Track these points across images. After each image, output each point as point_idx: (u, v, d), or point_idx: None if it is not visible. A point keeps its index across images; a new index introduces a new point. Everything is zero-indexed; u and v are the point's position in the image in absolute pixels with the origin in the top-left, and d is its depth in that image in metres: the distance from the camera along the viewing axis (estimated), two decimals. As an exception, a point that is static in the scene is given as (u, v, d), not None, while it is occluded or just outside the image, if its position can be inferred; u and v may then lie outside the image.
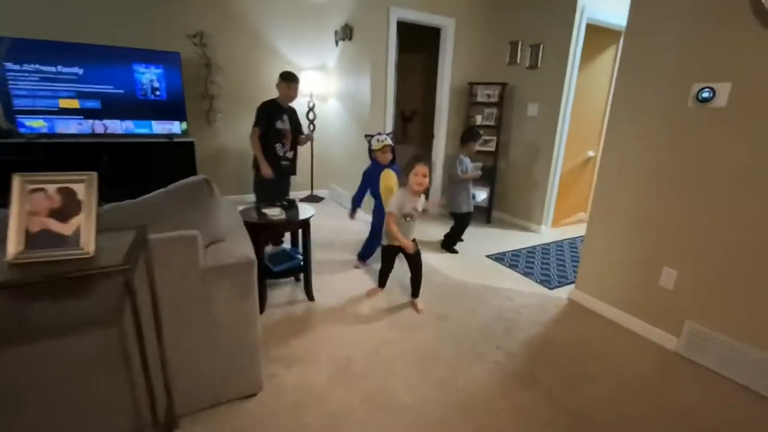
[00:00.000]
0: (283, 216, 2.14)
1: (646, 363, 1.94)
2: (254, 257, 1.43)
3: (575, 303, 2.52)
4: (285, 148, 3.03)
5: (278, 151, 2.99)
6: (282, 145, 3.00)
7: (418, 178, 2.16)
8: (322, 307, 2.31)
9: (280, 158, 3.01)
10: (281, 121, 2.96)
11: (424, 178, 2.16)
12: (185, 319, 1.35)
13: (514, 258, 3.19)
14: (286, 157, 3.06)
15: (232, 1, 4.10)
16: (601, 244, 2.38)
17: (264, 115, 2.92)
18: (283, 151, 3.03)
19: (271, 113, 2.93)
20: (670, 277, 2.04)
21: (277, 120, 2.94)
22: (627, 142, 2.20)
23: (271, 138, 2.95)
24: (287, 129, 3.02)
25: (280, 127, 2.96)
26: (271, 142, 2.96)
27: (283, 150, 3.02)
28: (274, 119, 2.93)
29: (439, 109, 4.20)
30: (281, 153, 3.01)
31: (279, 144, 2.99)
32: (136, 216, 1.28)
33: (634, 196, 2.18)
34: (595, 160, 4.24)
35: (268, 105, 2.98)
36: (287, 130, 3.02)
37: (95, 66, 3.52)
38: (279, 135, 2.97)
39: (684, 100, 1.91)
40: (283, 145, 3.01)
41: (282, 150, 3.01)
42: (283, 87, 2.96)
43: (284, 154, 3.04)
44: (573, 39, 3.40)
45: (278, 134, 2.97)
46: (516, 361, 1.91)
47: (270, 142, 2.95)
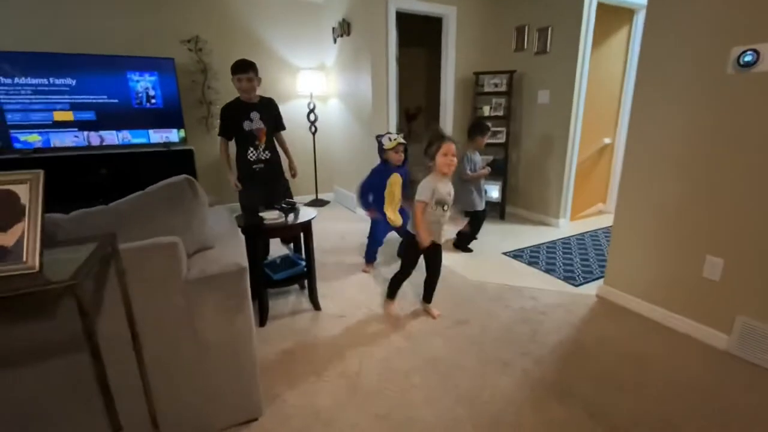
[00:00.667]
0: (281, 220, 1.98)
1: (694, 366, 1.71)
2: (245, 264, 1.26)
3: (605, 300, 2.30)
4: (258, 150, 2.56)
5: (250, 155, 2.54)
6: (255, 148, 2.54)
7: (447, 159, 1.86)
8: (329, 315, 2.14)
9: (251, 163, 2.55)
10: (249, 120, 2.49)
11: (453, 158, 1.87)
12: (169, 338, 1.18)
13: (533, 254, 2.98)
14: (259, 159, 2.57)
15: (225, 4, 3.99)
16: (631, 234, 2.17)
17: (225, 120, 2.51)
18: (256, 154, 2.55)
19: (234, 116, 2.48)
20: (715, 266, 1.82)
21: (243, 121, 2.48)
22: (655, 121, 1.98)
23: (241, 143, 2.54)
24: (260, 128, 2.52)
25: (248, 129, 2.49)
26: (242, 148, 2.54)
27: (256, 153, 2.55)
28: (239, 121, 2.48)
29: (444, 103, 4.02)
30: (253, 157, 2.55)
31: (251, 148, 2.53)
32: (107, 223, 1.13)
33: (668, 180, 1.96)
34: (612, 146, 4.01)
35: (229, 107, 2.51)
36: (260, 129, 2.52)
37: (88, 76, 3.42)
38: (249, 137, 2.52)
39: (722, 67, 1.70)
40: (255, 147, 2.54)
41: (254, 154, 2.55)
42: (233, 81, 2.47)
43: (257, 158, 2.56)
44: (584, 20, 3.20)
45: (248, 137, 2.51)
46: (546, 368, 1.70)
47: (241, 149, 2.55)
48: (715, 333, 1.84)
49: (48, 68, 3.28)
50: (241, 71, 2.43)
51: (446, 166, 1.87)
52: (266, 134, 2.58)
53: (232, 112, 2.49)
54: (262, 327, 2.00)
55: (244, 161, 2.56)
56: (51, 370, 1.05)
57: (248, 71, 2.44)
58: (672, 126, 1.92)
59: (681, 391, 1.56)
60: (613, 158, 4.06)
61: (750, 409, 1.46)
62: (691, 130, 1.84)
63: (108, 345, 1.02)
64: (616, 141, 3.96)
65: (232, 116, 2.49)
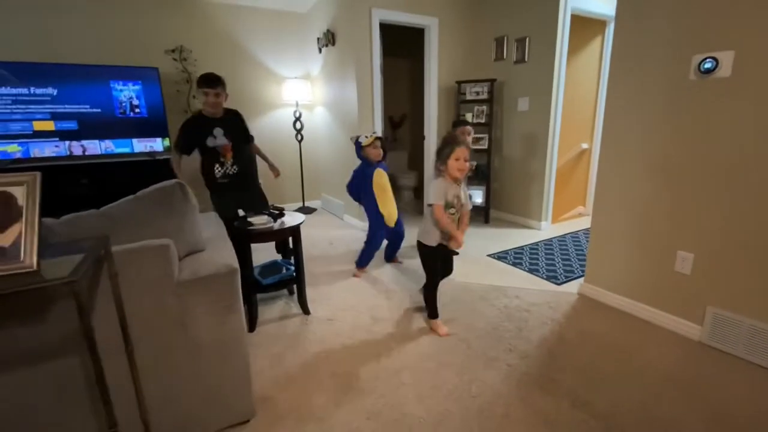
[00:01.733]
0: (269, 224, 2.00)
1: (671, 356, 1.80)
2: (236, 265, 1.28)
3: (586, 297, 2.38)
4: (225, 167, 2.48)
5: (216, 171, 2.46)
6: (221, 165, 2.46)
7: (459, 163, 1.85)
8: (319, 319, 2.16)
9: (218, 178, 2.48)
10: (212, 137, 2.40)
11: (465, 163, 1.86)
12: (161, 340, 1.19)
13: (517, 256, 3.06)
14: (226, 175, 2.49)
15: (210, 14, 4.02)
16: (608, 234, 2.27)
17: (184, 137, 2.38)
18: (223, 170, 2.48)
19: (196, 132, 2.38)
20: (686, 261, 1.92)
21: (207, 137, 2.39)
22: (626, 125, 2.10)
23: (207, 160, 2.45)
24: (224, 144, 2.44)
25: (211, 145, 2.40)
26: (207, 165, 2.46)
27: (223, 169, 2.48)
28: (203, 137, 2.39)
29: (428, 110, 4.12)
30: (219, 173, 2.47)
31: (217, 164, 2.46)
32: (99, 227, 1.14)
33: (639, 180, 2.07)
34: (590, 151, 4.17)
35: (191, 123, 2.41)
36: (223, 145, 2.44)
37: (70, 85, 3.39)
38: (214, 155, 2.44)
39: (685, 74, 1.82)
40: (222, 164, 2.47)
41: (221, 170, 2.47)
42: (199, 95, 2.38)
43: (224, 173, 2.49)
44: (559, 30, 3.35)
45: (212, 154, 2.43)
46: (531, 362, 1.76)
47: (206, 163, 2.46)
48: (688, 324, 1.94)
49: (29, 78, 3.24)
50: (209, 86, 2.34)
51: (457, 171, 1.86)
52: (233, 149, 2.50)
53: (194, 128, 2.39)
54: (252, 332, 2.01)
55: (211, 176, 2.48)
56: (44, 372, 1.05)
57: (216, 86, 2.36)
58: (641, 130, 2.03)
59: (658, 380, 1.63)
60: (590, 163, 4.21)
61: (725, 396, 1.54)
62: (659, 133, 1.96)
63: (100, 347, 1.03)
64: (593, 146, 4.12)
65: (194, 132, 2.39)
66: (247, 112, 4.36)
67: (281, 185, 4.75)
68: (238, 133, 2.56)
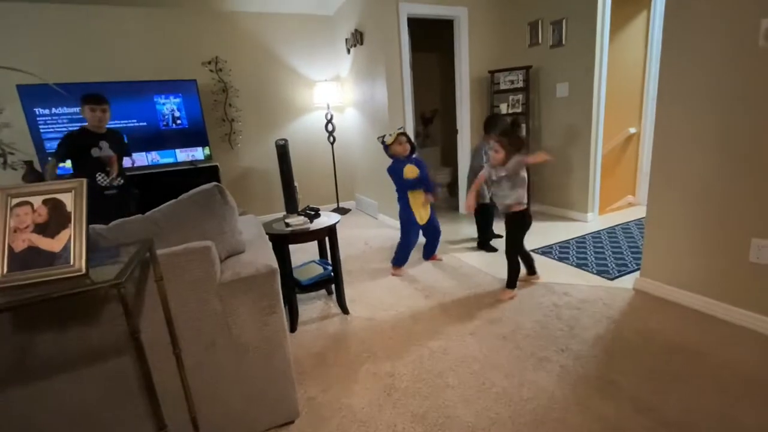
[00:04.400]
0: (306, 225, 2.00)
1: (750, 356, 1.61)
2: (276, 266, 1.27)
3: (643, 293, 2.20)
4: (110, 176, 2.64)
5: (100, 181, 2.61)
6: (107, 174, 2.62)
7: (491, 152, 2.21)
8: (358, 319, 2.13)
9: (103, 188, 2.63)
10: (97, 148, 2.57)
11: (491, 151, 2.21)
12: (206, 340, 1.21)
13: (562, 250, 2.89)
14: (112, 186, 2.66)
15: (241, 25, 4.14)
16: (666, 223, 2.07)
17: (65, 145, 2.54)
18: (108, 180, 2.63)
19: (80, 143, 2.55)
20: (762, 249, 1.71)
21: (91, 148, 2.55)
22: (684, 104, 1.91)
23: (90, 168, 2.56)
24: (109, 155, 2.61)
25: (96, 155, 2.56)
26: (90, 172, 2.55)
27: (108, 179, 2.63)
28: (86, 148, 2.54)
29: (460, 103, 4.00)
30: (105, 183, 2.63)
31: (102, 173, 2.60)
32: (144, 231, 1.17)
33: (700, 163, 1.87)
34: (639, 136, 3.88)
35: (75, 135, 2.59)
36: (110, 156, 2.61)
37: (118, 102, 3.58)
38: (97, 164, 2.58)
39: (753, 40, 1.62)
40: (108, 174, 2.62)
41: (106, 180, 2.63)
42: (86, 112, 2.55)
43: (110, 183, 2.65)
44: (599, 9, 3.14)
45: (96, 163, 2.57)
46: (586, 363, 1.63)
47: (89, 173, 2.53)
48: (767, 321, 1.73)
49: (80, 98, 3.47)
50: (97, 103, 2.54)
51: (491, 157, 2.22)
52: (117, 161, 2.67)
53: (78, 140, 2.56)
54: (293, 333, 2.01)
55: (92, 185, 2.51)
56: (95, 373, 1.08)
57: (103, 104, 2.58)
58: (701, 107, 1.84)
59: (738, 383, 1.46)
60: (639, 148, 3.92)
61: (817, 400, 1.35)
62: (725, 109, 1.76)
63: (149, 349, 1.05)
64: (642, 130, 3.83)
65: (78, 143, 2.55)
66: (279, 117, 4.48)
67: (316, 187, 4.81)
68: (122, 150, 2.78)
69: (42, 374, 1.03)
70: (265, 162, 4.47)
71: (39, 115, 3.38)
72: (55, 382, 1.05)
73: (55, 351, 1.03)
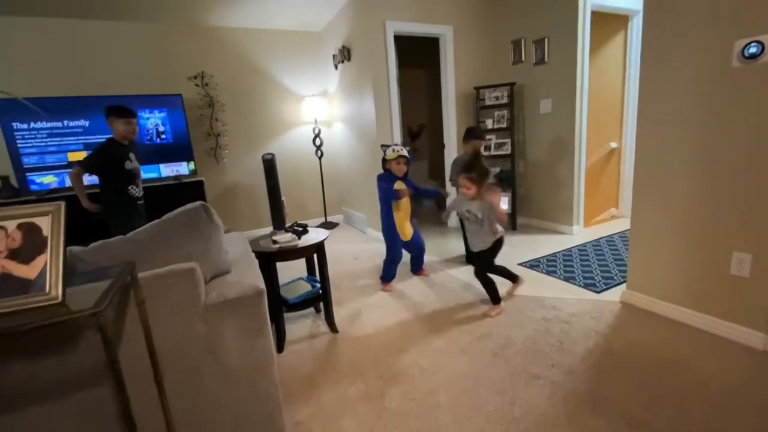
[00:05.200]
0: (294, 242, 1.97)
1: (735, 368, 1.63)
2: (263, 287, 1.24)
3: (630, 305, 2.22)
4: (139, 188, 2.78)
5: (132, 192, 2.71)
6: (136, 186, 2.74)
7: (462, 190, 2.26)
8: (347, 337, 2.09)
9: (136, 199, 2.74)
10: (129, 160, 2.67)
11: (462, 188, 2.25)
12: (190, 366, 1.16)
13: (550, 263, 2.92)
14: (141, 197, 2.80)
15: (228, 39, 4.14)
16: (650, 236, 2.12)
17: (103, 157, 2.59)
18: (138, 191, 2.76)
19: (116, 155, 2.62)
20: (743, 262, 1.75)
21: (125, 161, 2.64)
22: (664, 120, 1.97)
23: (123, 180, 2.66)
24: (137, 167, 2.76)
25: (129, 168, 2.67)
26: (123, 185, 2.66)
27: (138, 190, 2.76)
28: (121, 160, 2.62)
29: (446, 118, 4.06)
30: (136, 194, 2.74)
31: (133, 185, 2.71)
32: (126, 253, 1.13)
33: (683, 177, 1.93)
34: (620, 150, 3.99)
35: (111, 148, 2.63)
36: (137, 168, 2.76)
37: (101, 116, 3.52)
38: (131, 176, 2.69)
39: (727, 61, 1.69)
40: (137, 185, 2.75)
41: (136, 191, 2.75)
42: (120, 124, 2.61)
43: (139, 194, 2.78)
44: (579, 28, 3.25)
45: (129, 176, 2.68)
46: (577, 379, 1.63)
47: (123, 185, 2.66)
48: (751, 332, 1.76)
49: (62, 111, 3.40)
50: (132, 116, 2.65)
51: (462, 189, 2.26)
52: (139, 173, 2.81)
53: (114, 152, 2.62)
54: (281, 353, 1.96)
55: (127, 197, 2.68)
56: (71, 405, 1.02)
57: (136, 116, 2.69)
58: (681, 124, 1.90)
59: (724, 396, 1.47)
60: (621, 162, 4.03)
61: (801, 411, 1.37)
62: (702, 126, 1.82)
63: (129, 376, 1.00)
64: (623, 144, 3.95)
65: (114, 156, 2.61)
66: (266, 131, 4.46)
67: (303, 201, 4.78)
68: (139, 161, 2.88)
69: (12, 406, 0.97)
70: (251, 177, 4.43)
71: (17, 130, 3.29)
72: (28, 413, 0.98)
73: (27, 381, 0.97)
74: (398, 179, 2.60)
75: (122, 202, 2.69)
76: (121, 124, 2.60)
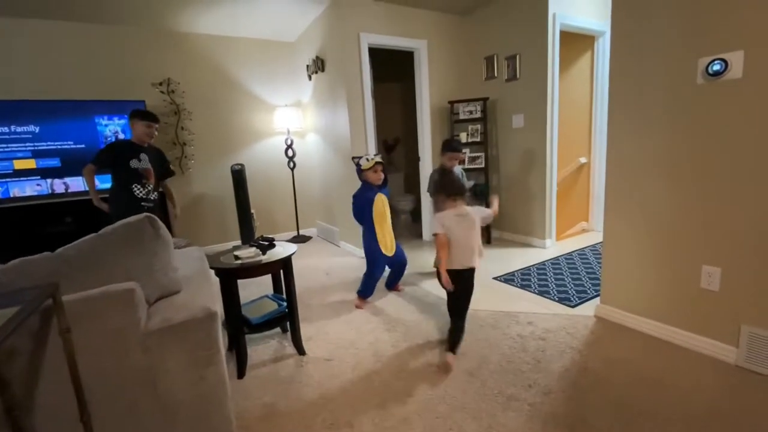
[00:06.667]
0: (258, 258, 1.84)
1: (708, 384, 1.61)
2: (215, 309, 1.11)
3: (605, 320, 2.20)
4: (147, 188, 2.71)
5: (136, 192, 2.66)
6: (142, 186, 2.68)
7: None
8: (315, 360, 1.96)
9: (140, 200, 2.68)
10: (137, 160, 2.64)
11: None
12: (125, 402, 1.01)
13: (524, 277, 2.90)
14: (148, 199, 2.73)
15: (198, 46, 4.00)
16: (622, 250, 2.12)
17: (109, 153, 2.61)
18: (144, 192, 2.70)
19: (121, 153, 2.63)
20: (712, 276, 1.76)
21: (131, 159, 2.62)
22: (633, 136, 1.99)
23: (126, 178, 2.64)
24: (147, 168, 2.70)
25: (135, 167, 2.64)
26: (126, 182, 2.64)
27: (144, 191, 2.70)
28: (125, 159, 2.61)
29: (421, 132, 4.04)
30: (141, 194, 2.68)
31: (137, 185, 2.66)
32: (51, 272, 0.98)
33: (652, 192, 1.95)
34: (589, 165, 4.08)
35: (118, 145, 2.73)
36: (147, 169, 2.70)
37: (53, 122, 3.29)
38: (135, 175, 2.65)
39: (692, 78, 1.73)
40: (143, 186, 2.69)
41: (142, 191, 2.69)
42: (140, 125, 2.66)
43: (146, 195, 2.72)
44: (549, 47, 3.33)
45: (134, 174, 2.64)
46: (555, 400, 1.56)
47: (125, 183, 2.64)
48: (722, 346, 1.76)
49: (8, 116, 3.14)
50: (154, 120, 2.72)
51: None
52: (153, 175, 2.76)
53: (121, 150, 2.66)
54: (241, 379, 1.80)
55: (130, 196, 2.65)
56: (-26, 458, 0.86)
57: (158, 121, 2.77)
58: (649, 139, 1.92)
59: (701, 413, 1.44)
60: (590, 176, 4.12)
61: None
62: (669, 141, 1.85)
63: (50, 416, 0.85)
64: (592, 159, 4.04)
65: (120, 153, 2.63)
66: (236, 141, 4.31)
67: (275, 214, 4.62)
68: (159, 166, 2.86)
69: None
70: (219, 188, 4.24)
71: (-46, 135, 3.00)
72: None
73: None
74: (377, 190, 2.52)
75: (124, 200, 2.63)
76: (141, 126, 2.66)
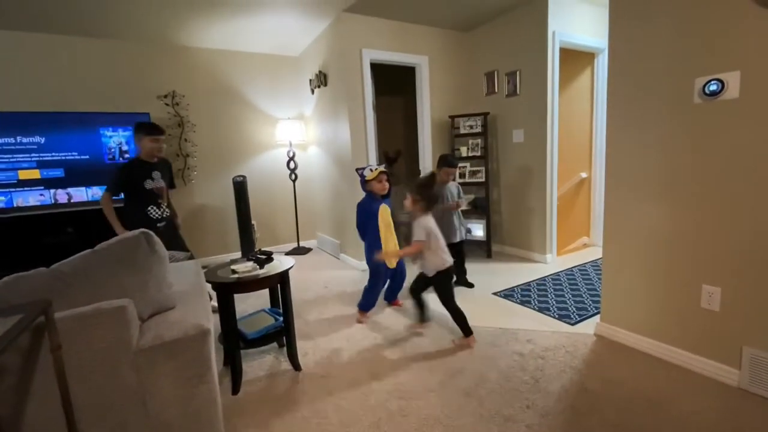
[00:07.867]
0: (256, 272, 1.84)
1: (710, 407, 1.58)
2: (208, 326, 1.11)
3: (605, 338, 2.18)
4: (162, 208, 2.62)
5: (152, 214, 2.55)
6: (157, 206, 2.59)
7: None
8: (311, 376, 1.94)
9: (155, 221, 2.55)
10: (150, 179, 2.54)
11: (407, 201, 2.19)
12: (115, 420, 1.00)
13: (524, 293, 2.87)
14: (162, 218, 2.63)
15: (203, 60, 4.07)
16: (622, 268, 2.10)
17: (123, 178, 2.49)
18: (159, 212, 2.60)
19: (133, 175, 2.51)
20: (713, 296, 1.75)
21: (145, 180, 2.52)
22: (631, 154, 1.99)
23: (141, 201, 2.53)
24: (160, 186, 2.61)
25: (149, 187, 2.53)
26: (142, 205, 2.54)
27: (159, 211, 2.60)
28: (140, 180, 2.51)
29: (422, 145, 4.07)
30: (156, 215, 2.57)
31: (153, 206, 2.56)
32: (45, 288, 0.98)
33: (652, 210, 1.94)
34: (589, 180, 4.08)
35: (130, 167, 2.54)
36: (161, 187, 2.61)
37: (58, 133, 3.34)
38: (151, 196, 2.55)
39: (689, 98, 1.74)
40: (158, 206, 2.59)
41: (157, 212, 2.59)
42: (147, 141, 2.53)
43: (161, 216, 2.62)
44: (549, 63, 3.36)
45: (149, 195, 2.54)
46: (553, 421, 1.54)
47: (141, 206, 2.53)
48: (724, 368, 1.73)
49: (15, 127, 3.19)
50: (161, 133, 2.59)
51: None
52: (165, 191, 2.69)
53: (133, 171, 2.53)
54: (235, 395, 1.78)
55: (145, 219, 2.52)
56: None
57: (164, 134, 2.64)
58: (647, 157, 1.93)
59: (702, 439, 1.41)
60: (591, 191, 4.12)
61: (779, 455, 1.32)
62: (669, 160, 1.85)
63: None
64: (592, 175, 4.04)
65: (134, 175, 2.52)
66: (239, 153, 4.35)
67: (275, 225, 4.63)
68: (169, 179, 2.78)
69: None
70: (221, 200, 4.27)
71: (-39, 145, 3.05)
72: None
73: None
74: (382, 201, 2.53)
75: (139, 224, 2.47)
76: (149, 141, 2.53)
